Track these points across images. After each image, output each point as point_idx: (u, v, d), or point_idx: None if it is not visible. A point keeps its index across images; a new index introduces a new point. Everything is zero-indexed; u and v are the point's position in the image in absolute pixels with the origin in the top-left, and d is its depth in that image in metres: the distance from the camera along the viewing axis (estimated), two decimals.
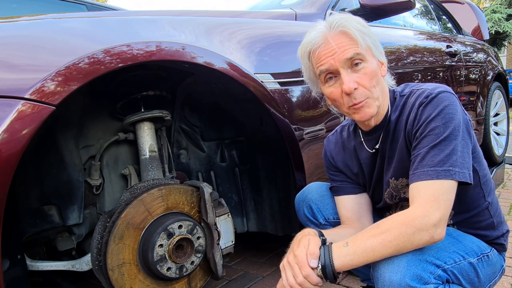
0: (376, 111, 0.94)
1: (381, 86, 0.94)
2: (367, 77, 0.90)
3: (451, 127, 0.84)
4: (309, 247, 0.85)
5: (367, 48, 0.90)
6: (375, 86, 0.91)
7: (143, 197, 1.17)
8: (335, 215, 1.16)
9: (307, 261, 0.83)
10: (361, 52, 0.89)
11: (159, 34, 1.15)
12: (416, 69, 2.22)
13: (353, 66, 0.90)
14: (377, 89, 0.92)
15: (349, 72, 0.90)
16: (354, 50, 0.89)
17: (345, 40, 0.89)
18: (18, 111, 0.80)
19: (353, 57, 0.89)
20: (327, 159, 1.17)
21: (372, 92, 0.91)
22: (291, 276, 0.84)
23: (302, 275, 0.82)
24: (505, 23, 13.15)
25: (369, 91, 0.91)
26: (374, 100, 0.92)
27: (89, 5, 3.15)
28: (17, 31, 0.97)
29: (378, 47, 0.94)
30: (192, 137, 1.68)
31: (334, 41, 0.90)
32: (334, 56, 0.90)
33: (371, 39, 0.92)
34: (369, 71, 0.90)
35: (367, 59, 0.90)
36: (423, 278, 0.79)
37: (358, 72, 0.90)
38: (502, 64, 3.67)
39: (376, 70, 0.91)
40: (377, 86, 0.92)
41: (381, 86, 0.94)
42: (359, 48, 0.89)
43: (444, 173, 0.81)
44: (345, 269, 0.82)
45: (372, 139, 1.02)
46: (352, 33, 0.89)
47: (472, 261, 0.90)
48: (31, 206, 1.18)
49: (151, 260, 1.14)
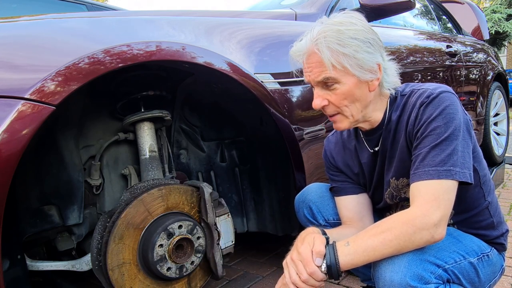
0: (349, 126, 0.96)
1: (362, 103, 0.93)
2: (338, 97, 0.91)
3: (452, 127, 0.84)
4: (315, 245, 0.84)
5: (342, 68, 0.88)
6: (347, 106, 0.92)
7: (143, 197, 1.17)
8: (335, 216, 1.16)
9: (312, 258, 0.82)
10: (332, 76, 0.88)
11: (158, 34, 1.15)
12: (416, 69, 2.22)
13: (326, 86, 0.91)
14: (351, 107, 0.92)
15: (321, 90, 0.92)
16: (324, 74, 0.89)
17: (316, 62, 0.89)
18: (18, 111, 0.80)
19: (323, 80, 0.90)
20: (327, 159, 1.17)
21: (343, 110, 0.93)
22: (294, 273, 0.83)
23: (306, 273, 0.82)
24: (505, 23, 13.15)
25: (339, 109, 0.93)
26: (345, 117, 0.94)
27: (89, 5, 3.15)
28: (17, 31, 0.97)
29: (364, 65, 0.89)
30: (192, 137, 1.68)
31: (310, 59, 0.91)
32: (310, 74, 0.92)
33: (351, 59, 0.87)
34: (340, 92, 0.90)
35: (341, 80, 0.89)
36: (423, 277, 0.79)
37: (331, 91, 0.91)
38: (502, 64, 3.67)
39: (350, 91, 0.90)
40: (351, 105, 0.92)
41: (362, 103, 0.93)
42: (329, 72, 0.88)
43: (445, 173, 0.81)
44: (346, 268, 0.83)
45: (373, 139, 1.02)
46: (323, 56, 0.87)
47: (472, 260, 0.90)
48: (31, 206, 1.18)
49: (151, 260, 1.14)
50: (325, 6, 1.87)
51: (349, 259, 0.81)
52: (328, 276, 0.83)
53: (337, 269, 0.81)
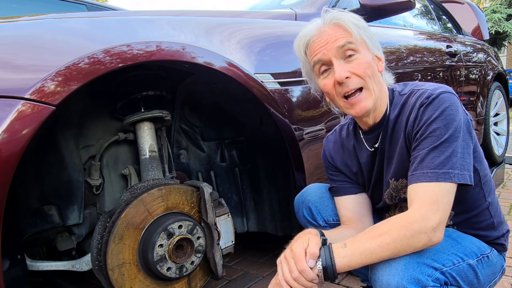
0: (373, 105, 0.93)
1: (378, 80, 0.94)
2: (361, 66, 0.90)
3: (451, 129, 0.83)
4: (309, 246, 0.84)
5: (361, 40, 0.91)
6: (370, 77, 0.91)
7: (143, 197, 1.17)
8: (335, 216, 1.16)
9: (304, 257, 0.82)
10: (354, 42, 0.90)
11: (158, 34, 1.15)
12: (416, 69, 2.22)
13: (346, 57, 0.91)
14: (372, 81, 0.92)
15: (342, 62, 0.91)
16: (347, 39, 0.90)
17: (338, 31, 0.91)
18: (18, 111, 0.80)
19: (345, 46, 0.90)
20: (326, 159, 1.17)
21: (367, 82, 0.91)
22: (287, 271, 0.83)
23: (297, 270, 0.81)
24: (505, 23, 13.15)
25: (363, 80, 0.91)
26: (369, 93, 0.91)
27: (89, 5, 3.15)
28: (17, 31, 0.97)
29: (374, 42, 0.94)
30: (192, 137, 1.68)
31: (328, 32, 0.91)
32: (327, 45, 0.91)
33: (367, 33, 0.93)
34: (363, 62, 0.90)
35: (360, 50, 0.91)
36: (420, 281, 0.79)
37: (351, 62, 0.91)
38: (502, 64, 3.67)
39: (370, 62, 0.91)
40: (372, 78, 0.91)
41: (378, 80, 0.94)
42: (352, 38, 0.90)
43: (444, 176, 0.81)
44: (342, 270, 0.82)
45: (371, 137, 1.02)
46: (346, 25, 0.90)
47: (471, 262, 0.89)
48: (31, 206, 1.18)
49: (151, 260, 1.14)
50: (325, 6, 1.87)
51: (346, 261, 0.81)
52: (324, 277, 0.82)
53: (333, 271, 0.81)
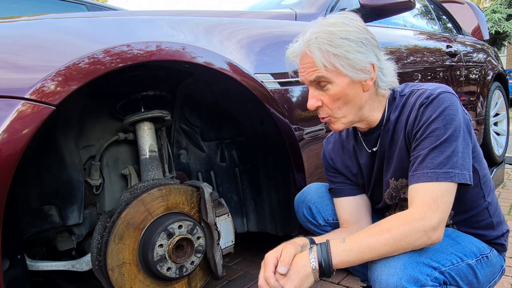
0: (343, 127, 0.96)
1: (356, 103, 0.93)
2: (330, 98, 0.92)
3: (451, 129, 0.83)
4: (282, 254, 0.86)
5: (334, 69, 0.88)
6: (339, 108, 0.93)
7: (143, 197, 1.17)
8: (335, 216, 1.16)
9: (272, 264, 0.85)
10: (324, 75, 0.89)
11: (158, 34, 1.15)
12: (416, 69, 2.22)
13: (319, 86, 0.92)
14: (343, 109, 0.93)
15: (315, 91, 0.93)
16: (316, 74, 0.90)
17: (309, 62, 0.90)
18: (18, 111, 0.80)
19: (316, 80, 0.91)
20: (325, 160, 1.17)
21: (334, 112, 0.93)
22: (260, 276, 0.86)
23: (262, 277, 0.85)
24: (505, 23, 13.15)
25: (331, 111, 0.93)
26: (337, 119, 0.95)
27: (89, 5, 3.15)
28: (17, 31, 0.97)
29: (356, 65, 0.89)
30: (192, 137, 1.68)
31: (304, 60, 0.92)
32: (303, 74, 0.93)
33: (342, 60, 0.88)
34: (333, 93, 0.91)
35: (333, 80, 0.90)
36: (419, 280, 0.79)
37: (324, 91, 0.92)
38: (502, 64, 3.67)
39: (343, 91, 0.90)
40: (344, 107, 0.92)
41: (356, 104, 0.93)
42: (321, 71, 0.89)
43: (444, 175, 0.81)
44: (341, 265, 0.83)
45: (371, 139, 1.02)
46: (314, 57, 0.88)
47: (470, 262, 0.90)
48: (31, 206, 1.18)
49: (151, 260, 1.14)
50: (325, 6, 1.87)
51: (344, 256, 0.82)
52: (320, 273, 0.83)
53: (329, 266, 0.82)
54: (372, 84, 0.93)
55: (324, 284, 1.57)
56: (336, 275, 1.63)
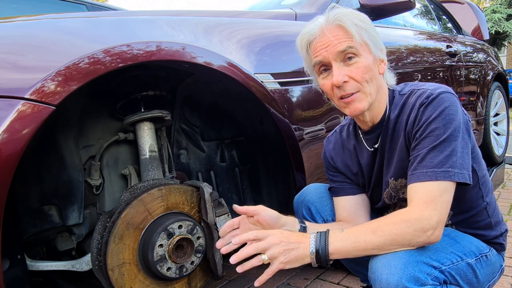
0: (367, 107, 0.93)
1: (377, 83, 0.94)
2: (359, 71, 0.90)
3: (451, 128, 0.84)
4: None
5: (363, 43, 0.90)
6: (367, 81, 0.91)
7: (143, 197, 1.17)
8: (334, 216, 1.16)
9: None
10: (355, 46, 0.89)
11: (157, 34, 1.15)
12: (416, 69, 2.22)
13: (346, 60, 0.90)
14: (370, 85, 0.92)
15: (341, 65, 0.91)
16: (348, 43, 0.89)
17: (340, 33, 0.90)
18: (18, 111, 0.81)
19: (346, 50, 0.89)
20: (326, 160, 1.17)
21: (364, 86, 0.91)
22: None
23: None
24: (505, 23, 13.15)
25: (361, 84, 0.91)
26: (365, 95, 0.92)
27: (89, 5, 3.15)
28: (17, 31, 0.97)
29: (377, 44, 0.93)
30: (192, 137, 1.68)
31: (329, 33, 0.90)
32: (327, 48, 0.90)
33: (369, 35, 0.91)
34: (362, 66, 0.90)
35: (361, 54, 0.90)
36: (420, 279, 0.79)
37: (351, 66, 0.90)
38: (502, 64, 3.67)
39: (370, 66, 0.91)
40: (370, 82, 0.92)
41: (377, 83, 0.94)
42: (353, 42, 0.89)
43: (443, 174, 0.82)
44: (336, 254, 0.83)
45: (371, 138, 1.02)
46: (347, 27, 0.89)
47: (470, 261, 0.90)
48: (31, 206, 1.18)
49: (151, 260, 1.14)
50: (325, 6, 1.87)
51: (341, 245, 0.82)
52: (316, 260, 0.83)
53: (326, 254, 0.82)
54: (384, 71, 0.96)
55: (324, 284, 1.57)
56: (336, 275, 1.63)
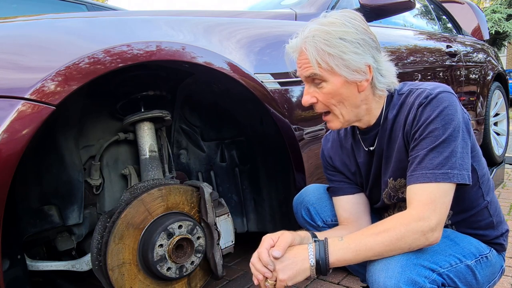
0: (340, 126, 0.97)
1: (352, 103, 0.93)
2: (325, 96, 0.92)
3: (450, 129, 0.83)
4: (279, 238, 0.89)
5: (329, 68, 0.89)
6: (335, 105, 0.93)
7: (143, 197, 1.17)
8: (333, 217, 1.16)
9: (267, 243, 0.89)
10: (318, 73, 0.90)
11: (157, 34, 1.15)
12: (416, 69, 2.22)
13: (314, 83, 0.93)
14: (340, 107, 0.93)
15: (311, 86, 0.94)
16: (311, 71, 0.91)
17: (305, 58, 0.91)
18: (18, 111, 0.81)
19: (311, 76, 0.92)
20: (324, 159, 1.17)
21: (332, 109, 0.94)
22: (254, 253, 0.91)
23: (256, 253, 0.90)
24: (505, 23, 13.15)
25: (328, 107, 0.94)
26: (335, 117, 0.95)
27: (89, 5, 3.15)
28: (17, 31, 0.97)
29: (349, 65, 0.89)
30: (192, 137, 1.68)
31: (301, 56, 0.93)
32: (300, 69, 0.94)
33: (337, 60, 0.88)
34: (327, 91, 0.91)
35: (327, 79, 0.90)
36: (417, 282, 0.79)
37: (319, 89, 0.93)
38: (502, 64, 3.67)
39: (336, 91, 0.91)
40: (339, 105, 0.93)
41: (352, 103, 0.93)
42: (314, 69, 0.90)
43: (443, 176, 0.81)
44: (338, 263, 0.83)
45: (369, 137, 1.01)
46: (309, 55, 0.89)
47: (469, 263, 0.89)
48: (31, 206, 1.18)
49: (151, 260, 1.14)
50: (325, 6, 1.87)
51: (341, 254, 0.82)
52: (316, 270, 0.83)
53: (326, 263, 0.82)
54: (368, 84, 0.93)
55: (324, 284, 1.57)
56: (336, 275, 1.63)
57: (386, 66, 0.95)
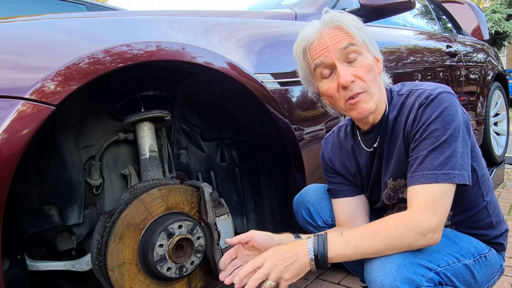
0: (374, 107, 0.92)
1: (378, 82, 0.94)
2: (364, 70, 0.89)
3: (451, 129, 0.83)
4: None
5: (362, 42, 0.91)
6: (372, 81, 0.90)
7: (143, 197, 1.17)
8: (333, 217, 1.16)
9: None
10: (356, 43, 0.89)
11: (157, 34, 1.15)
12: (416, 69, 2.22)
13: (348, 60, 0.89)
14: (374, 84, 0.91)
15: (345, 65, 0.89)
16: (349, 41, 0.89)
17: (339, 33, 0.90)
18: (18, 111, 0.80)
19: (348, 47, 0.88)
20: (324, 161, 1.17)
21: (369, 86, 0.90)
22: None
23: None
24: (505, 23, 13.15)
25: (366, 84, 0.90)
26: (371, 96, 0.90)
27: (89, 5, 3.15)
28: (17, 31, 0.97)
29: (373, 44, 0.94)
30: (192, 137, 1.68)
31: (328, 34, 0.89)
32: (328, 48, 0.89)
33: (366, 35, 0.92)
34: (365, 64, 0.89)
35: (362, 52, 0.90)
36: (414, 281, 0.79)
37: (354, 65, 0.89)
38: (502, 64, 3.67)
39: (372, 64, 0.91)
40: (374, 81, 0.91)
41: (378, 83, 0.94)
42: (354, 40, 0.89)
43: (443, 177, 0.81)
44: (336, 258, 0.83)
45: (370, 138, 1.01)
46: (347, 27, 0.89)
47: (467, 262, 0.89)
48: (31, 206, 1.18)
49: (151, 260, 1.14)
50: (325, 6, 1.86)
51: (340, 249, 0.82)
52: (316, 264, 0.84)
53: (324, 257, 0.82)
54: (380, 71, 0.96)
55: (324, 284, 1.57)
56: (336, 275, 1.63)
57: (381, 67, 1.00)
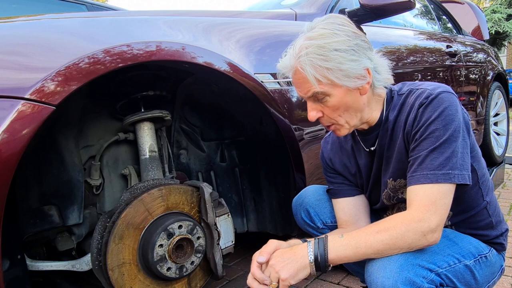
0: (347, 132, 0.96)
1: (357, 107, 0.92)
2: (330, 109, 0.91)
3: (451, 129, 0.83)
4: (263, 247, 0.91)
5: (329, 82, 0.87)
6: (341, 115, 0.92)
7: (143, 197, 1.17)
8: (333, 218, 1.15)
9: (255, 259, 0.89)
10: (319, 90, 0.88)
11: (156, 34, 1.15)
12: (416, 69, 2.22)
13: (317, 99, 0.91)
14: (345, 115, 0.93)
15: (313, 103, 0.93)
16: (313, 90, 0.88)
17: (302, 77, 0.88)
18: (18, 111, 0.81)
19: (313, 96, 0.90)
20: (324, 161, 1.17)
21: (338, 120, 0.93)
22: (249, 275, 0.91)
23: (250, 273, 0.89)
24: (505, 23, 13.16)
25: (334, 119, 0.93)
26: (341, 126, 0.95)
27: (89, 5, 3.15)
28: (17, 31, 0.97)
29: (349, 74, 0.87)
30: (192, 137, 1.68)
31: (296, 75, 0.90)
32: (299, 90, 0.93)
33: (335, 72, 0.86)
34: (332, 104, 0.90)
35: (330, 92, 0.88)
36: (415, 282, 0.79)
37: (322, 103, 0.91)
38: (502, 64, 3.67)
39: (341, 101, 0.90)
40: (345, 113, 0.92)
41: (357, 108, 0.92)
42: (316, 88, 0.87)
43: (444, 177, 0.81)
44: (337, 259, 0.83)
45: (369, 138, 1.01)
46: (307, 74, 0.86)
47: (468, 263, 0.89)
48: (31, 206, 1.18)
49: (151, 260, 1.14)
50: (324, 6, 1.87)
51: (341, 250, 0.83)
52: (316, 267, 0.84)
53: (325, 259, 0.82)
54: (369, 86, 0.92)
55: (324, 284, 1.57)
56: (336, 275, 1.63)
57: (380, 62, 0.94)
